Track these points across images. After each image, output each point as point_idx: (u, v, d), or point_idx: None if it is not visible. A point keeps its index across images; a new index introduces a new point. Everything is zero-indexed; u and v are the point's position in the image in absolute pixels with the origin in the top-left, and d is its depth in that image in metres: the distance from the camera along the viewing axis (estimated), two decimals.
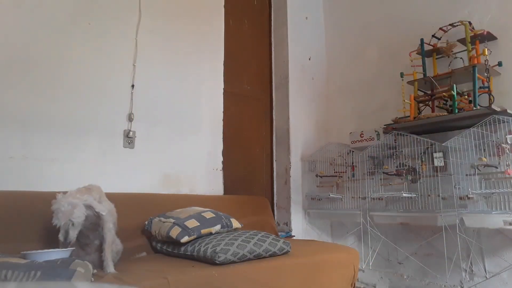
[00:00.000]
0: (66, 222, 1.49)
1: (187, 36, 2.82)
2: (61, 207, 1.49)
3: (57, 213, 1.49)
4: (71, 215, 1.49)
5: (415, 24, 2.97)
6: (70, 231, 1.49)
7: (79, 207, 1.52)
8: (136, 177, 2.42)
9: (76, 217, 1.50)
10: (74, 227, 1.50)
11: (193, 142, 2.76)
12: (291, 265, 1.93)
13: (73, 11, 2.27)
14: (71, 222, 1.49)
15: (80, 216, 1.51)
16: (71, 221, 1.49)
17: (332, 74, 3.68)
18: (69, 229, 1.49)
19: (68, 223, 1.49)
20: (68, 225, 1.49)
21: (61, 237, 1.48)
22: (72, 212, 1.49)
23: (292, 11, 3.55)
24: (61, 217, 1.48)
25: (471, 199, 2.34)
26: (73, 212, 1.49)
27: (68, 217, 1.49)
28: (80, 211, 1.52)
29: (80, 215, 1.52)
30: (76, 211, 1.50)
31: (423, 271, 2.72)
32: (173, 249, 1.98)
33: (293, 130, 3.35)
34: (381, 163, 2.86)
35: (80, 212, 1.52)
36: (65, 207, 1.49)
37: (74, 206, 1.51)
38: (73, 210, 1.50)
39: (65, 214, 1.48)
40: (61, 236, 1.48)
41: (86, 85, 2.27)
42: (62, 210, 1.49)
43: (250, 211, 2.76)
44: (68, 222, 1.49)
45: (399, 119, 2.73)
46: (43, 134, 2.09)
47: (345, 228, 3.27)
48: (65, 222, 1.48)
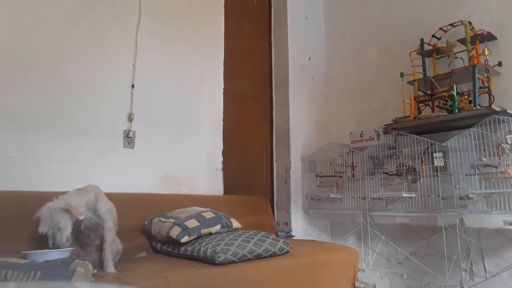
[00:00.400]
0: (48, 229, 1.50)
1: (187, 36, 2.82)
2: (42, 215, 1.50)
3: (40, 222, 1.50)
4: (51, 221, 1.50)
5: (415, 24, 2.97)
6: (57, 236, 1.49)
7: (57, 211, 1.52)
8: (136, 177, 2.42)
9: (56, 222, 1.50)
10: (60, 231, 1.50)
11: (193, 142, 2.76)
12: (291, 265, 1.93)
13: (73, 11, 2.27)
14: (56, 227, 1.50)
15: (60, 221, 1.51)
16: (51, 227, 1.49)
17: (332, 74, 3.68)
18: (55, 235, 1.49)
19: (52, 228, 1.50)
20: (52, 231, 1.50)
21: (50, 243, 1.50)
22: (51, 218, 1.50)
23: (292, 11, 3.55)
24: (42, 224, 1.50)
25: (471, 199, 2.34)
26: (52, 218, 1.50)
27: (48, 223, 1.50)
28: (58, 215, 1.51)
29: (60, 219, 1.51)
30: (56, 216, 1.50)
31: (423, 271, 2.72)
32: (173, 249, 1.98)
33: (293, 130, 3.35)
34: (381, 163, 2.86)
35: (59, 216, 1.51)
36: (45, 214, 1.50)
37: (52, 212, 1.51)
38: (51, 216, 1.50)
39: (45, 221, 1.50)
40: (50, 242, 1.50)
41: (86, 85, 2.27)
42: (42, 218, 1.50)
43: (250, 211, 2.76)
44: (50, 228, 1.50)
45: (399, 119, 2.73)
46: (43, 134, 2.09)
47: (345, 228, 3.27)
48: (47, 229, 1.50)
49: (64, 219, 1.51)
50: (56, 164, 2.11)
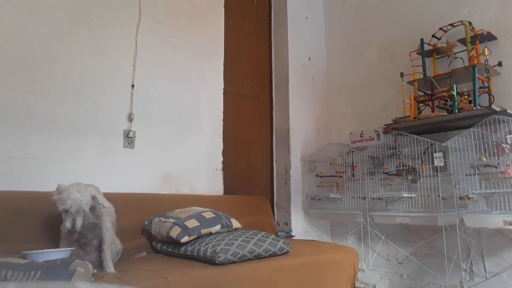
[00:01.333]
0: (78, 209, 1.50)
1: (187, 36, 2.82)
2: (70, 195, 1.50)
3: (65, 200, 1.50)
4: (81, 203, 1.51)
5: (415, 24, 2.97)
6: (77, 219, 1.51)
7: (86, 196, 1.55)
8: (136, 177, 2.42)
9: (85, 205, 1.53)
10: (81, 215, 1.52)
11: (193, 142, 2.76)
12: (291, 265, 1.93)
13: (73, 11, 2.27)
14: (82, 209, 1.51)
15: (87, 205, 1.54)
16: (81, 208, 1.51)
17: (332, 74, 3.68)
18: (76, 217, 1.50)
19: (80, 209, 1.51)
20: (78, 213, 1.51)
21: (69, 224, 1.49)
22: (81, 200, 1.52)
23: (292, 11, 3.55)
24: (72, 204, 1.49)
25: (471, 199, 2.34)
26: (82, 200, 1.52)
27: (79, 204, 1.51)
28: (88, 199, 1.54)
29: (88, 203, 1.54)
30: (85, 199, 1.53)
31: (423, 271, 2.72)
32: (173, 249, 1.98)
33: (293, 130, 3.35)
34: (381, 163, 2.86)
35: (88, 201, 1.54)
36: (74, 194, 1.51)
37: (82, 194, 1.53)
38: (82, 198, 1.52)
39: (76, 202, 1.50)
40: (69, 223, 1.49)
41: (86, 85, 2.27)
42: (71, 197, 1.50)
43: (250, 211, 2.76)
44: (80, 208, 1.51)
45: (399, 119, 2.73)
46: (43, 134, 2.09)
47: (345, 228, 3.27)
48: (76, 209, 1.50)
49: (88, 205, 1.55)
50: (56, 164, 2.11)
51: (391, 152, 2.83)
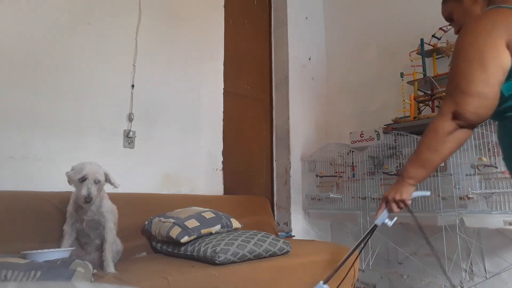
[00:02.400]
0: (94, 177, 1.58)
1: (187, 36, 2.82)
2: (86, 165, 1.59)
3: (81, 170, 1.57)
4: (97, 173, 1.60)
5: (415, 24, 2.97)
6: (92, 188, 1.56)
7: (102, 168, 1.65)
8: (136, 177, 2.42)
9: (100, 176, 1.61)
10: (97, 184, 1.59)
11: (193, 142, 2.76)
12: (291, 265, 1.93)
13: (73, 11, 2.27)
14: (97, 179, 1.59)
15: (103, 176, 1.63)
16: (97, 178, 1.59)
17: (332, 74, 3.68)
18: (91, 186, 1.57)
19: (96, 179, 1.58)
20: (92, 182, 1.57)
21: (85, 192, 1.54)
22: (97, 170, 1.61)
23: (292, 11, 3.55)
24: (89, 172, 1.57)
25: (471, 199, 2.34)
26: (98, 170, 1.61)
27: (95, 173, 1.59)
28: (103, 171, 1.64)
29: (103, 174, 1.63)
30: (101, 170, 1.63)
31: (423, 271, 2.72)
32: (173, 249, 1.98)
33: (293, 130, 3.35)
34: (381, 163, 2.86)
35: (103, 173, 1.64)
36: (90, 165, 1.60)
37: (99, 167, 1.63)
38: (98, 169, 1.61)
39: (92, 170, 1.59)
40: (85, 191, 1.54)
41: (86, 85, 2.27)
42: (87, 167, 1.58)
43: (250, 211, 2.76)
44: (96, 178, 1.59)
45: (399, 119, 2.73)
46: (43, 134, 2.09)
47: (345, 228, 3.27)
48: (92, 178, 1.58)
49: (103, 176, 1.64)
50: (56, 164, 2.10)
51: (391, 152, 2.83)
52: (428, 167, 1.19)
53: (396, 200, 1.26)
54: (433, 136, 1.16)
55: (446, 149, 1.15)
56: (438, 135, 1.14)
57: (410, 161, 1.23)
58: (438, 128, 1.14)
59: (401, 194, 1.25)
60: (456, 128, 1.12)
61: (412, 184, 1.23)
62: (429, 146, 1.17)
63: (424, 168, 1.20)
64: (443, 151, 1.15)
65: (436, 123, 1.15)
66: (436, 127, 1.14)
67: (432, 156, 1.17)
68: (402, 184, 1.25)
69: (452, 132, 1.12)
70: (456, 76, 1.11)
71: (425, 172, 1.21)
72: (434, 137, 1.16)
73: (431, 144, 1.16)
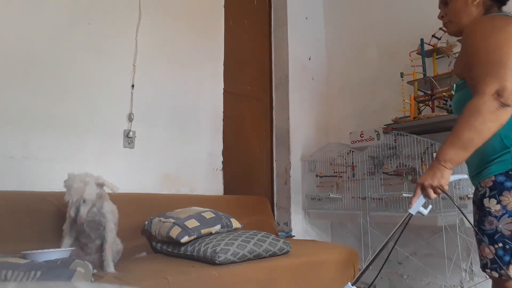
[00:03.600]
0: (78, 198, 1.52)
1: (187, 36, 2.82)
2: (73, 184, 1.53)
3: (69, 190, 1.53)
4: (83, 192, 1.53)
5: (415, 24, 2.97)
6: (81, 208, 1.52)
7: (90, 184, 1.56)
8: (136, 177, 2.42)
9: (87, 194, 1.54)
10: (85, 204, 1.54)
11: (193, 142, 2.76)
12: (291, 265, 1.93)
13: (73, 11, 2.27)
14: (83, 199, 1.53)
15: (91, 194, 1.56)
16: (82, 197, 1.53)
17: (332, 74, 3.68)
18: (80, 206, 1.52)
19: (80, 199, 1.52)
20: (79, 202, 1.52)
21: (72, 213, 1.51)
22: (84, 189, 1.53)
23: (292, 11, 3.55)
24: (73, 193, 1.52)
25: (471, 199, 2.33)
26: (84, 189, 1.53)
27: (80, 193, 1.52)
28: (91, 188, 1.56)
29: (92, 192, 1.56)
30: (88, 189, 1.54)
31: (423, 271, 2.72)
32: (173, 249, 1.98)
33: (293, 130, 3.35)
34: (381, 163, 2.86)
35: (92, 190, 1.56)
36: (77, 184, 1.53)
37: (86, 184, 1.55)
38: (85, 188, 1.54)
39: (77, 191, 1.52)
40: (72, 212, 1.51)
41: (86, 85, 2.27)
42: (74, 186, 1.52)
43: (250, 211, 2.76)
44: (80, 198, 1.52)
45: (399, 119, 2.73)
46: (43, 134, 2.09)
47: (345, 228, 3.27)
48: (77, 199, 1.52)
49: (92, 193, 1.56)
50: (56, 164, 2.10)
51: (391, 152, 2.83)
52: (469, 148, 1.15)
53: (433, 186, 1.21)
54: (475, 115, 1.12)
55: (488, 130, 1.12)
56: (481, 115, 1.11)
57: (448, 144, 1.18)
58: (480, 107, 1.11)
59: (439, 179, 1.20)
60: (498, 107, 1.10)
61: (450, 168, 1.19)
62: (470, 126, 1.13)
63: (464, 150, 1.16)
64: (485, 131, 1.12)
65: (477, 102, 1.12)
66: (478, 106, 1.12)
67: (474, 136, 1.13)
68: (438, 168, 1.20)
69: (495, 111, 1.10)
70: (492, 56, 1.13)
71: (465, 154, 1.17)
72: (476, 116, 1.12)
73: (472, 124, 1.13)
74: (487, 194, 1.19)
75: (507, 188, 1.14)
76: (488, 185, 1.19)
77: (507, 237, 1.14)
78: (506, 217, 1.14)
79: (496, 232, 1.16)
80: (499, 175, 1.17)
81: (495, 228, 1.17)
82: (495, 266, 1.17)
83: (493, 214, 1.17)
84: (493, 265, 1.17)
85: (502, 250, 1.16)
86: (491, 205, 1.18)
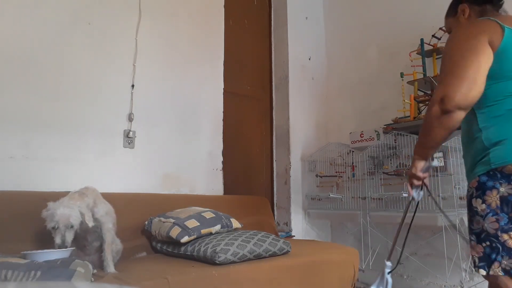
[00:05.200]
0: (66, 224, 1.48)
1: (187, 36, 2.82)
2: (57, 211, 1.49)
3: (52, 217, 1.49)
4: (70, 218, 1.49)
5: (415, 24, 2.97)
6: (67, 234, 1.49)
7: (75, 210, 1.53)
8: (136, 177, 2.42)
9: (74, 220, 1.50)
10: (71, 230, 1.50)
11: (193, 142, 2.76)
12: (291, 265, 1.93)
13: (73, 11, 2.27)
14: (70, 224, 1.49)
15: (77, 219, 1.52)
16: (70, 222, 1.49)
17: (332, 74, 3.68)
18: (65, 232, 1.49)
19: (68, 224, 1.49)
20: (66, 228, 1.49)
21: (59, 240, 1.47)
22: (70, 215, 1.50)
23: (292, 11, 3.55)
24: (60, 220, 1.48)
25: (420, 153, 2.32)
26: (71, 215, 1.50)
27: (68, 219, 1.49)
28: (76, 214, 1.52)
29: (77, 218, 1.52)
30: (74, 214, 1.51)
31: (423, 271, 2.72)
32: (173, 249, 1.98)
33: (293, 130, 3.35)
34: (381, 163, 2.86)
35: (77, 216, 1.52)
36: (62, 210, 1.49)
37: (71, 209, 1.51)
38: (70, 213, 1.50)
39: (64, 217, 1.48)
40: (59, 239, 1.47)
41: (86, 85, 2.27)
42: (58, 213, 1.48)
43: (250, 211, 2.76)
44: (68, 223, 1.49)
45: (399, 119, 2.73)
46: (43, 134, 2.09)
47: (345, 228, 3.27)
48: (64, 225, 1.48)
49: (77, 219, 1.52)
50: (56, 164, 2.11)
51: (391, 152, 2.83)
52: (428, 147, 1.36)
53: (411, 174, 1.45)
54: (425, 121, 1.30)
55: (436, 134, 1.27)
56: (428, 121, 1.27)
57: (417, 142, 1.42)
58: (428, 113, 1.27)
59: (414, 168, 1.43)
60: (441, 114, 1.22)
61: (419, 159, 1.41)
62: (423, 130, 1.33)
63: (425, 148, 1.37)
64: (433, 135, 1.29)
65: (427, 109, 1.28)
66: (427, 113, 1.28)
67: (427, 139, 1.32)
68: (413, 160, 1.44)
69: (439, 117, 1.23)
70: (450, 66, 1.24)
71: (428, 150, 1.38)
72: (425, 122, 1.29)
73: (424, 129, 1.32)
74: (474, 194, 1.25)
75: (489, 188, 1.20)
76: (474, 186, 1.25)
77: (493, 235, 1.19)
78: (490, 216, 1.19)
79: (483, 231, 1.21)
80: (482, 175, 1.23)
81: (481, 227, 1.22)
82: (482, 264, 1.22)
83: (479, 213, 1.22)
84: (480, 263, 1.22)
85: (489, 248, 1.20)
86: (477, 205, 1.23)
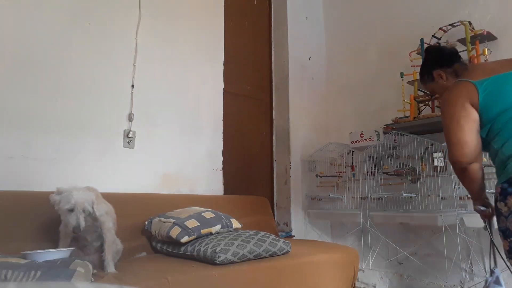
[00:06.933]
0: (83, 207, 1.52)
1: (187, 36, 2.82)
2: (73, 194, 1.52)
3: (68, 199, 1.51)
4: (85, 201, 1.53)
5: (415, 24, 2.97)
6: (81, 218, 1.51)
7: (90, 196, 1.57)
8: (136, 177, 2.42)
9: (88, 204, 1.54)
10: (82, 214, 1.53)
11: (193, 142, 2.76)
12: (291, 265, 1.93)
13: (73, 11, 2.27)
14: (86, 208, 1.53)
15: (90, 205, 1.56)
16: (86, 206, 1.53)
17: (332, 74, 3.68)
18: (79, 215, 1.51)
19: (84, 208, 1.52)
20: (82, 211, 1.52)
21: (75, 222, 1.49)
22: (86, 199, 1.54)
23: (292, 11, 3.55)
24: (77, 202, 1.51)
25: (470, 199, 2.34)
26: (86, 199, 1.54)
27: (84, 202, 1.52)
28: (91, 199, 1.56)
29: (90, 204, 1.56)
30: (89, 199, 1.55)
31: (423, 271, 2.72)
32: (173, 249, 1.98)
33: (293, 130, 3.35)
34: (381, 163, 2.86)
35: (91, 201, 1.56)
36: (78, 193, 1.53)
37: (85, 194, 1.55)
38: (86, 198, 1.54)
39: (81, 200, 1.52)
40: (75, 221, 1.49)
41: (86, 85, 2.27)
42: (75, 196, 1.51)
43: (250, 211, 2.76)
44: (84, 207, 1.52)
45: (399, 119, 2.73)
46: (43, 134, 2.09)
47: (345, 228, 3.27)
48: (81, 207, 1.51)
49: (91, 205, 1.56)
50: (56, 164, 2.10)
51: (391, 152, 2.83)
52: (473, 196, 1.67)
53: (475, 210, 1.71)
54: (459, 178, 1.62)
55: (469, 186, 1.60)
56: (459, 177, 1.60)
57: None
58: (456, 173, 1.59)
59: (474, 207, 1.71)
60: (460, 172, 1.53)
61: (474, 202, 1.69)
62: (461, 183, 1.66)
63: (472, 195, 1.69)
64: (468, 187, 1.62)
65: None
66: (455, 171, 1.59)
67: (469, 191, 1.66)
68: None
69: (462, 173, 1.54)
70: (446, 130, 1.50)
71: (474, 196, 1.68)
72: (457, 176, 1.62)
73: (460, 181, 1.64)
74: (498, 198, 1.43)
75: (510, 193, 1.38)
76: (498, 191, 1.44)
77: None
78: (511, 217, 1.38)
79: (507, 229, 1.40)
80: (503, 183, 1.41)
81: (505, 226, 1.41)
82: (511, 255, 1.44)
83: (503, 214, 1.41)
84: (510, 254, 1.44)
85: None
86: (501, 207, 1.41)
